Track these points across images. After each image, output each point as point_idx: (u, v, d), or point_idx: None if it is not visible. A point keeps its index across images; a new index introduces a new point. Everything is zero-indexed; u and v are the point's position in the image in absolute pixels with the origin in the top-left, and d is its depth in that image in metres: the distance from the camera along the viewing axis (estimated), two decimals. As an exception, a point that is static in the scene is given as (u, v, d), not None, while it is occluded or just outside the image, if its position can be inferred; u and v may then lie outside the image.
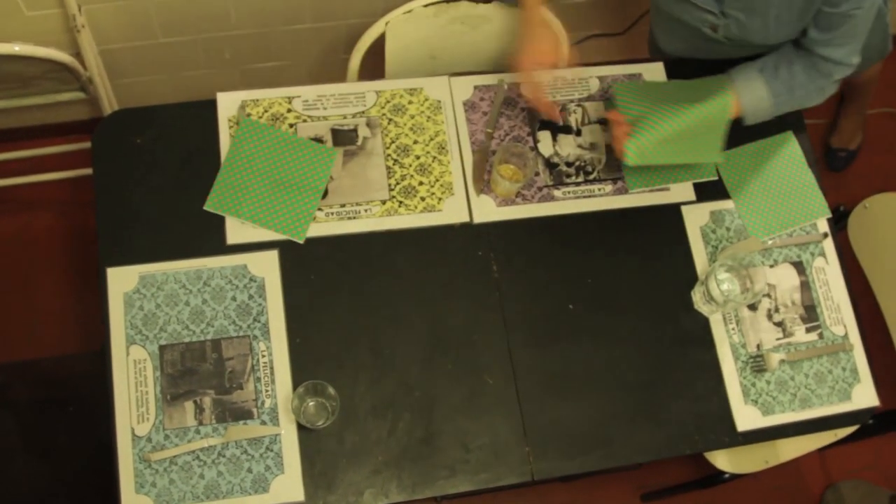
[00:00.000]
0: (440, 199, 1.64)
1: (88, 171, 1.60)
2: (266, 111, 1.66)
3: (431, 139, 1.69)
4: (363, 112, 1.69)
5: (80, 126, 2.46)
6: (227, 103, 1.66)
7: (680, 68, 1.80)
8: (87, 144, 1.62)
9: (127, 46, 2.17)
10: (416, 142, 1.68)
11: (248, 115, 1.63)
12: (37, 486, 1.67)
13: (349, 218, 1.61)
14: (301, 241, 1.56)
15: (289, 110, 1.67)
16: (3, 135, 2.42)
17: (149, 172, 1.59)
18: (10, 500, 1.68)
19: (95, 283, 1.52)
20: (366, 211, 1.62)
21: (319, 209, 1.60)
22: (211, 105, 1.66)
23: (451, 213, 1.63)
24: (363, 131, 1.68)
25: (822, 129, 2.86)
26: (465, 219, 1.63)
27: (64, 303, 2.33)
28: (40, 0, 1.90)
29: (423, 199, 1.64)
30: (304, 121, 1.67)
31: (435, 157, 1.67)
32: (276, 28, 2.23)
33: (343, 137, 1.67)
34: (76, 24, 1.93)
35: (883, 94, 2.99)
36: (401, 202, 1.63)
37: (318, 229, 1.59)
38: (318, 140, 1.65)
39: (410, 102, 1.71)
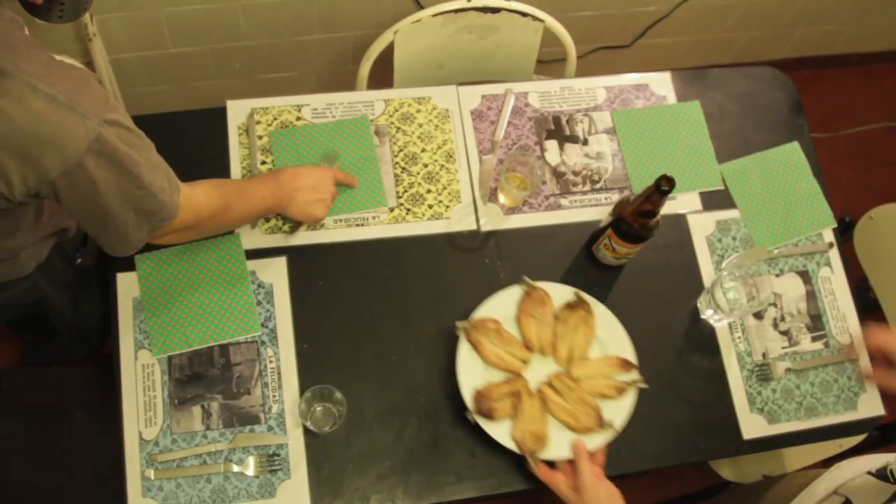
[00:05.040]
0: (447, 206, 1.65)
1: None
2: (275, 119, 1.68)
3: (439, 147, 1.70)
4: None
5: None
6: (237, 111, 1.67)
7: (685, 79, 1.82)
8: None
9: (138, 56, 2.19)
10: (424, 150, 1.69)
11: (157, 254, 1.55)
12: (43, 490, 1.67)
13: (357, 225, 1.62)
14: (257, 332, 1.53)
15: (298, 118, 1.68)
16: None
17: (159, 179, 1.60)
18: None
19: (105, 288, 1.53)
20: (374, 218, 1.63)
21: (328, 215, 1.61)
22: (221, 112, 1.67)
23: (459, 220, 1.64)
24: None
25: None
26: (472, 227, 1.64)
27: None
28: (53, 9, 1.91)
29: (430, 206, 1.65)
30: (313, 129, 1.68)
31: (443, 166, 1.68)
32: (285, 39, 2.25)
33: (351, 145, 1.68)
34: (88, 33, 1.96)
35: (886, 109, 3.01)
36: (408, 210, 1.64)
37: (326, 236, 1.60)
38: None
39: (418, 111, 1.72)
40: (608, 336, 1.53)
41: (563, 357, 1.51)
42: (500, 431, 1.43)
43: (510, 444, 1.42)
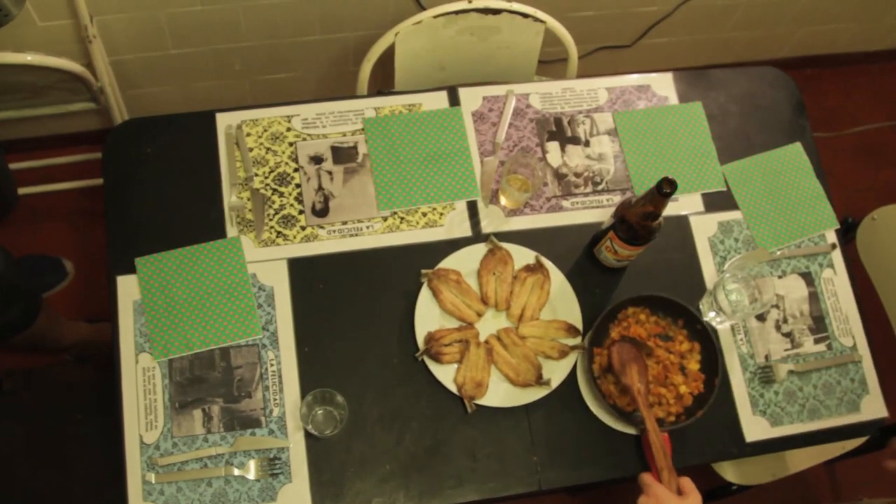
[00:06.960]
0: (441, 214, 1.64)
1: (99, 181, 1.61)
2: (265, 130, 1.66)
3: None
4: (363, 129, 1.69)
5: (92, 136, 2.48)
6: (226, 122, 1.66)
7: (687, 79, 1.81)
8: (98, 155, 1.63)
9: (138, 57, 2.18)
10: (417, 156, 1.68)
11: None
12: (44, 493, 1.67)
13: (351, 235, 1.61)
14: (258, 335, 1.52)
15: (288, 129, 1.67)
16: (17, 145, 2.44)
17: (159, 181, 1.60)
18: (19, 507, 1.69)
19: (105, 291, 1.53)
20: (367, 228, 1.62)
21: (321, 227, 1.60)
22: (212, 117, 1.66)
23: (452, 227, 1.63)
24: (363, 148, 1.68)
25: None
26: (468, 234, 1.63)
27: (74, 311, 2.34)
28: (53, 10, 1.91)
29: (424, 214, 1.64)
30: (304, 139, 1.67)
31: (441, 170, 1.68)
32: (285, 39, 2.24)
33: (343, 155, 1.67)
34: (88, 35, 1.95)
35: (888, 109, 3.00)
36: (402, 218, 1.63)
37: (321, 247, 1.58)
38: (318, 158, 1.66)
39: (412, 116, 1.72)
40: (561, 302, 1.59)
41: (515, 314, 1.58)
42: (445, 374, 1.51)
43: (451, 387, 1.50)
